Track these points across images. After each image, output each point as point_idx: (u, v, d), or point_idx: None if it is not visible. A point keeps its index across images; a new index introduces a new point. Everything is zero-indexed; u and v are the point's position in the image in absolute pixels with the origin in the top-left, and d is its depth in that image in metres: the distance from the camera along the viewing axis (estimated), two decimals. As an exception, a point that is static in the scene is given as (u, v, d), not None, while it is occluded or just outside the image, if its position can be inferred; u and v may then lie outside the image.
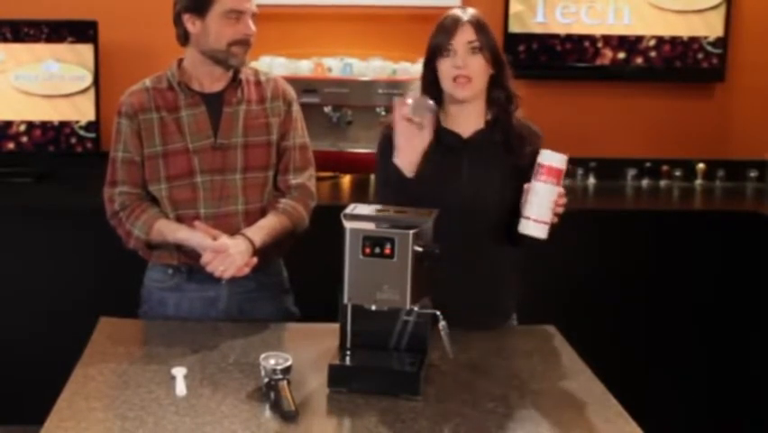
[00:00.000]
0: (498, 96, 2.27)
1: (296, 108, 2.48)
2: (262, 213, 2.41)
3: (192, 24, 2.35)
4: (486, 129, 2.28)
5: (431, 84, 2.26)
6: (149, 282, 2.48)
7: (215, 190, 2.37)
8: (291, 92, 2.50)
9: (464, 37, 2.19)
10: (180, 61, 2.42)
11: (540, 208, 2.06)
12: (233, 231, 2.34)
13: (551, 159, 2.07)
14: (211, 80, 2.39)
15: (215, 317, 2.40)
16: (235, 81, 2.40)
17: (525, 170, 2.14)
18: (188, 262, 2.38)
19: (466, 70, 2.19)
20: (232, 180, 2.38)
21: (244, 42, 2.33)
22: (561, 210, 2.11)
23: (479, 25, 2.21)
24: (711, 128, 3.93)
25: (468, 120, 2.28)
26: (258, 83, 2.45)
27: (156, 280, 2.46)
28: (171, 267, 2.42)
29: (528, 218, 2.08)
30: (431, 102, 2.15)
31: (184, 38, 2.38)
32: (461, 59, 2.19)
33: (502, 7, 3.77)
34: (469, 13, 2.24)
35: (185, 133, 2.37)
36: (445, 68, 2.21)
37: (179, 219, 2.37)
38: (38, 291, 3.35)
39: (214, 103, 2.39)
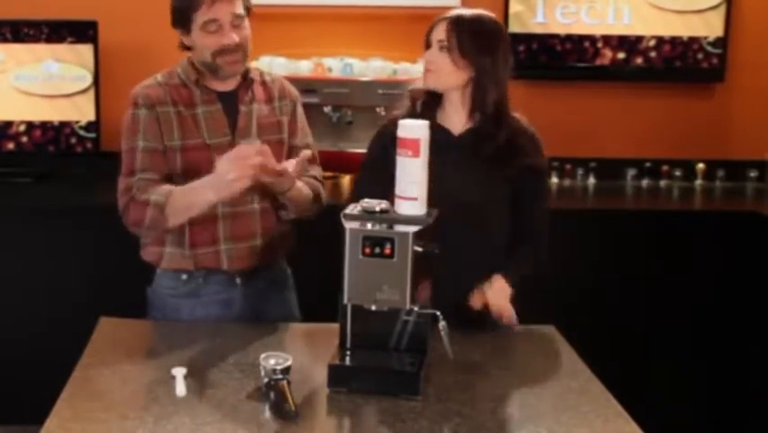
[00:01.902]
0: (478, 98, 2.30)
1: (300, 108, 2.49)
2: (278, 213, 2.40)
3: (184, 38, 2.35)
4: (475, 128, 2.31)
5: None
6: (160, 290, 2.41)
7: None
8: (295, 92, 2.51)
9: (437, 34, 2.29)
10: (190, 59, 2.39)
11: (400, 184, 1.95)
12: (250, 231, 2.33)
13: (402, 130, 1.94)
14: (218, 83, 2.38)
15: (231, 319, 2.37)
16: (246, 80, 2.40)
17: (514, 179, 2.28)
18: (205, 266, 2.34)
19: (430, 65, 2.30)
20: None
21: (228, 51, 2.29)
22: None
23: (455, 26, 2.26)
24: (711, 128, 3.93)
25: (459, 117, 2.33)
26: (263, 83, 2.45)
27: (168, 288, 2.40)
28: (186, 272, 2.37)
29: (398, 197, 1.96)
30: None
31: (183, 47, 2.38)
32: (429, 54, 2.30)
33: (502, 7, 3.76)
34: (456, 13, 2.30)
35: (202, 130, 2.35)
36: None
37: (194, 218, 2.28)
38: (38, 291, 3.35)
39: (229, 101, 2.38)
